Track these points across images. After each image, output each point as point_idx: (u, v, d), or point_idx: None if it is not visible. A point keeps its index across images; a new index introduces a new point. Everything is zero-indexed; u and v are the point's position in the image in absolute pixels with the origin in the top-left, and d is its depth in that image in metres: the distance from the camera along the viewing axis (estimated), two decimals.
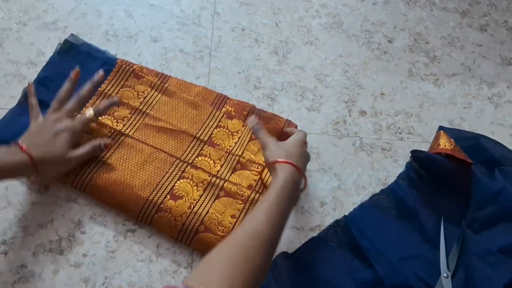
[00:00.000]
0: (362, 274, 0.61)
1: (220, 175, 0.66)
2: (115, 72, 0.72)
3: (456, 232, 0.64)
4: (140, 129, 0.68)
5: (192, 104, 0.72)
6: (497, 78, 0.84)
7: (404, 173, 0.70)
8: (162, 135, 0.68)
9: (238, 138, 0.70)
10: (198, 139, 0.69)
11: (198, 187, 0.64)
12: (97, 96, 0.70)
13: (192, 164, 0.66)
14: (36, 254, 0.59)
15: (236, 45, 0.81)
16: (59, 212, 0.62)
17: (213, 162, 0.67)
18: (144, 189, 0.63)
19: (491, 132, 0.77)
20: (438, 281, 0.60)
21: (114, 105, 0.68)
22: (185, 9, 0.84)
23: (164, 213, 0.61)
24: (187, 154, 0.67)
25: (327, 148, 0.73)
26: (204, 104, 0.72)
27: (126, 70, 0.73)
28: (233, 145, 0.69)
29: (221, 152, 0.68)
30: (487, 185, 0.64)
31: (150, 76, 0.73)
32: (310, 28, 0.85)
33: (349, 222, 0.65)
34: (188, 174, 0.65)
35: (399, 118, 0.77)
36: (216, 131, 0.70)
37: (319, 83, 0.79)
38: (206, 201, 0.63)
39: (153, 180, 0.64)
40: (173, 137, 0.68)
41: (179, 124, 0.69)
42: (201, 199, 0.63)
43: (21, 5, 0.80)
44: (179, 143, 0.68)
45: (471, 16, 0.91)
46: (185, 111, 0.71)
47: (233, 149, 0.69)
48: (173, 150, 0.67)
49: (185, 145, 0.68)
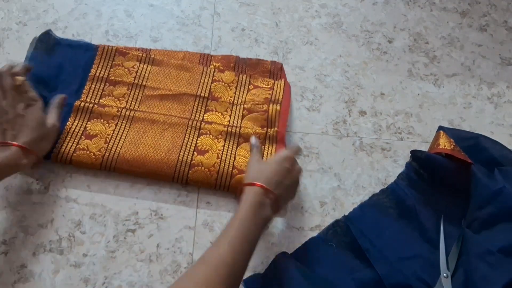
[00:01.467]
0: (362, 274, 0.61)
1: (232, 124, 0.70)
2: (100, 55, 0.74)
3: (456, 232, 0.64)
4: (143, 101, 0.71)
5: (182, 68, 0.75)
6: (497, 78, 0.84)
7: (404, 173, 0.70)
8: (166, 102, 0.72)
9: (235, 88, 0.74)
10: (200, 96, 0.73)
11: (218, 139, 0.69)
12: (90, 81, 0.72)
13: (204, 120, 0.70)
14: (36, 254, 0.59)
15: (236, 45, 0.81)
16: (59, 212, 0.62)
17: (221, 115, 0.72)
18: (171, 152, 0.66)
19: (491, 132, 0.77)
20: (438, 281, 0.60)
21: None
22: (185, 9, 0.84)
23: (197, 167, 0.66)
24: (195, 113, 0.71)
25: (327, 148, 0.73)
26: (193, 65, 0.75)
27: (110, 50, 0.75)
28: (233, 95, 0.73)
29: (225, 104, 0.72)
30: (487, 185, 0.64)
31: (134, 51, 0.75)
32: (310, 28, 0.85)
33: (348, 222, 0.65)
34: (205, 130, 0.69)
35: (399, 118, 0.77)
36: (214, 86, 0.74)
37: (319, 83, 0.79)
38: (230, 149, 0.68)
39: (176, 143, 0.67)
40: (176, 101, 0.72)
41: (178, 88, 0.73)
42: (225, 148, 0.68)
43: (21, 5, 0.80)
44: (184, 105, 0.72)
45: (471, 16, 0.91)
46: (178, 75, 0.74)
47: (234, 99, 0.73)
48: (182, 112, 0.71)
49: (190, 105, 0.72)
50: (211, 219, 0.65)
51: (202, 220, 0.64)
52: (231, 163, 0.66)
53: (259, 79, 0.75)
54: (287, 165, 0.60)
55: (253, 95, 0.73)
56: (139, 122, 0.69)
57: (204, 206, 0.66)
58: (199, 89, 0.73)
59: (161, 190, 0.66)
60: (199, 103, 0.72)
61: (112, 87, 0.72)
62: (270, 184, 0.56)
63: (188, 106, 0.72)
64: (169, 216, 0.64)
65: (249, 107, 0.72)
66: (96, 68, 0.73)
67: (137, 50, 0.76)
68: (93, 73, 0.72)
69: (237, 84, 0.74)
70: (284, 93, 0.74)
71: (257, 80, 0.75)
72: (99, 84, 0.72)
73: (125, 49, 0.75)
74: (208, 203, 0.66)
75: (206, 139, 0.68)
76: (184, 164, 0.66)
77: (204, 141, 0.68)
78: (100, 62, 0.73)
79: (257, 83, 0.75)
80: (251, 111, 0.72)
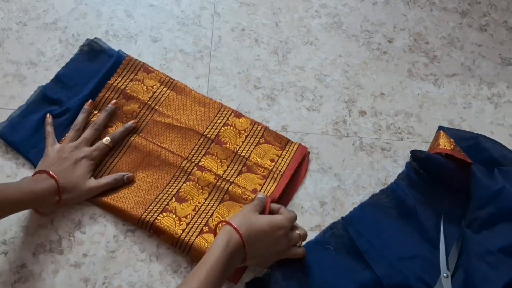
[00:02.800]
0: (361, 275, 0.61)
1: (225, 177, 0.66)
2: (124, 65, 0.73)
3: (456, 232, 0.64)
4: (148, 125, 0.69)
5: (200, 102, 0.72)
6: (497, 78, 0.84)
7: (404, 173, 0.70)
8: (170, 133, 0.69)
9: (246, 137, 0.70)
10: (206, 136, 0.69)
11: (203, 191, 0.65)
12: (106, 89, 0.71)
13: (199, 164, 0.67)
14: (36, 254, 0.59)
15: (236, 45, 0.81)
16: (59, 212, 0.62)
17: (219, 162, 0.68)
18: (150, 192, 0.64)
19: (491, 132, 0.77)
20: (438, 281, 0.60)
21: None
22: (185, 9, 0.84)
23: (169, 213, 0.62)
24: (194, 152, 0.68)
25: (327, 148, 0.73)
26: (212, 102, 0.73)
27: (136, 63, 0.74)
28: (240, 144, 0.69)
29: (228, 152, 0.68)
30: (486, 185, 0.64)
31: (160, 72, 0.74)
32: (310, 28, 0.85)
33: (346, 223, 0.65)
34: (194, 176, 0.65)
35: (399, 118, 0.77)
36: (224, 129, 0.70)
37: (319, 83, 0.79)
38: (211, 205, 0.64)
39: (160, 183, 0.65)
40: (180, 135, 0.69)
41: (187, 122, 0.70)
42: (206, 202, 0.64)
43: (21, 5, 0.80)
44: (187, 141, 0.69)
45: (471, 16, 0.91)
46: (193, 108, 0.72)
47: (239, 149, 0.69)
48: (180, 149, 0.68)
49: (193, 143, 0.69)
50: None
51: None
52: (205, 219, 0.62)
53: (274, 134, 0.71)
54: (280, 233, 0.56)
55: (261, 149, 0.69)
56: (134, 152, 0.67)
57: None
58: (208, 128, 0.70)
59: None
60: (202, 143, 0.69)
61: (124, 100, 0.70)
62: (249, 238, 0.53)
63: (190, 143, 0.68)
64: None
65: (250, 164, 0.68)
66: (116, 77, 0.72)
67: (163, 74, 0.74)
68: (111, 82, 0.71)
69: (249, 133, 0.70)
70: (292, 160, 0.69)
71: (271, 135, 0.71)
72: (113, 94, 0.70)
73: (152, 68, 0.74)
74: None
75: (190, 188, 0.65)
76: (157, 207, 0.62)
77: (187, 189, 0.65)
78: (122, 73, 0.72)
79: (270, 138, 0.70)
80: (250, 170, 0.67)
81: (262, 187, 0.66)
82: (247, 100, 0.75)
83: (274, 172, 0.67)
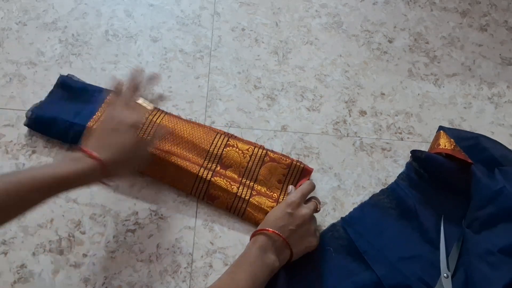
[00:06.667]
0: (361, 276, 0.60)
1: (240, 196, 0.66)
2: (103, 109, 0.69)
3: (456, 232, 0.64)
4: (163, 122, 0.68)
5: (198, 127, 0.70)
6: (497, 78, 0.84)
7: (404, 173, 0.70)
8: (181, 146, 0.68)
9: (250, 156, 0.68)
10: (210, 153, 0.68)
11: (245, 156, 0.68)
12: (106, 103, 0.69)
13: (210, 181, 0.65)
14: (36, 254, 0.59)
15: (236, 45, 0.81)
16: (59, 212, 0.62)
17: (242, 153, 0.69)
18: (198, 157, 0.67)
19: (491, 132, 0.77)
20: (438, 281, 0.60)
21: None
22: (185, 9, 0.84)
23: (219, 176, 0.66)
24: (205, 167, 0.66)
25: (327, 148, 0.73)
26: (209, 131, 0.70)
27: None
28: (245, 166, 0.67)
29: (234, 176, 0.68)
30: (487, 185, 0.64)
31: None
32: (310, 28, 0.85)
33: (345, 224, 0.64)
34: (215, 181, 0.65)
35: (399, 118, 0.77)
36: (226, 151, 0.68)
37: (319, 83, 0.79)
38: (253, 170, 0.67)
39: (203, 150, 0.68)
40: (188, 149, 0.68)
41: (189, 144, 0.68)
42: (248, 166, 0.67)
43: (21, 5, 0.80)
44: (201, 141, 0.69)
45: (471, 16, 0.91)
46: (192, 132, 0.69)
47: (245, 172, 0.67)
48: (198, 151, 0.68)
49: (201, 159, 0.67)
50: (211, 219, 0.65)
51: (202, 220, 0.64)
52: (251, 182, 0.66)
53: (278, 153, 0.69)
54: (289, 210, 0.59)
55: (268, 170, 0.68)
56: (171, 118, 0.68)
57: (204, 206, 0.65)
58: (210, 151, 0.68)
59: (161, 190, 0.66)
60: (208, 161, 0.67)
61: None
62: (276, 228, 0.57)
63: (200, 158, 0.67)
64: (169, 216, 0.64)
65: (259, 189, 0.66)
66: (100, 116, 0.68)
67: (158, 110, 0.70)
68: (94, 121, 0.67)
69: (252, 153, 0.68)
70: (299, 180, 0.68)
71: (275, 153, 0.69)
72: None
73: None
74: (208, 203, 0.66)
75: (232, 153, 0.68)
76: (206, 171, 0.65)
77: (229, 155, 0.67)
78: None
79: (274, 156, 0.68)
80: (260, 193, 0.66)
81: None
82: (247, 100, 0.75)
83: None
